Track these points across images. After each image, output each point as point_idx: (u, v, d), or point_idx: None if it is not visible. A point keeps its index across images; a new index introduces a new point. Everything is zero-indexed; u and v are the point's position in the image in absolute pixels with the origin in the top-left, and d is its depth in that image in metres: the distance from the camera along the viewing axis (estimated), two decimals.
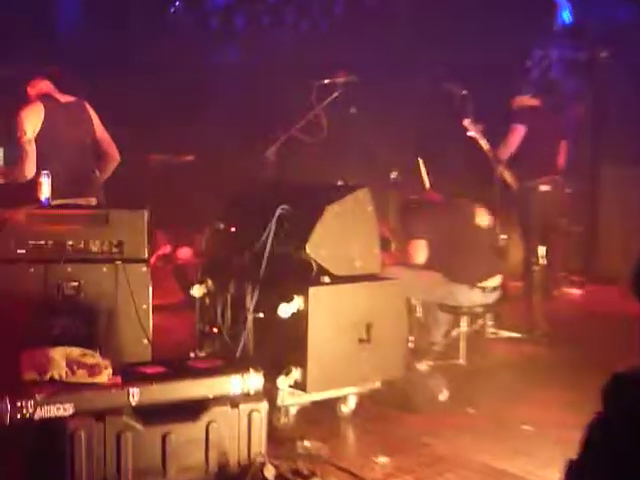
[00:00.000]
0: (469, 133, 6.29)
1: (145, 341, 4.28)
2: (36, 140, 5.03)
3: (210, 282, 4.32)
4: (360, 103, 5.71)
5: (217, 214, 4.43)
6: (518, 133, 6.31)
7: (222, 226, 4.37)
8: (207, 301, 4.36)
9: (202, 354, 4.31)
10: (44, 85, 5.30)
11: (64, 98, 5.29)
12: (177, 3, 10.16)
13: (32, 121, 5.06)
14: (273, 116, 6.33)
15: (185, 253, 7.35)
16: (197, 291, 4.33)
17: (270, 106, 7.50)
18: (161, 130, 8.16)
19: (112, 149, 5.45)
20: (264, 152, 5.15)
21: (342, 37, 8.59)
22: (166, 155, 8.52)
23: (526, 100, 6.55)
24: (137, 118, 7.51)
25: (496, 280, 5.37)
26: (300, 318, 3.90)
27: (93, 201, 4.93)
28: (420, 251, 5.17)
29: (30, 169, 4.96)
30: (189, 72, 8.96)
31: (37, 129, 5.05)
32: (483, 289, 5.25)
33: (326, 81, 5.27)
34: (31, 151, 5.01)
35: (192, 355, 4.28)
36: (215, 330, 4.31)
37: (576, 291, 7.98)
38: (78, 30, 12.18)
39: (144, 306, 4.27)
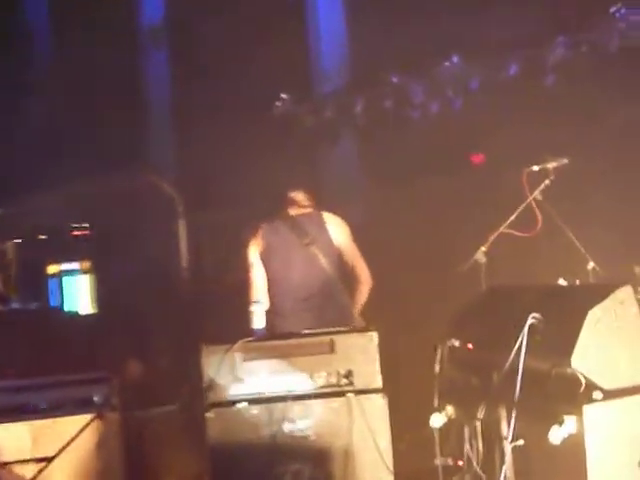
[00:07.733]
0: None
1: None
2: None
3: (450, 409, 3.82)
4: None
5: (449, 330, 3.93)
6: None
7: (457, 343, 3.86)
8: (448, 431, 3.85)
9: None
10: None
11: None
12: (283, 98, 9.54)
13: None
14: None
15: None
16: (436, 420, 3.80)
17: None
18: None
19: (360, 269, 4.83)
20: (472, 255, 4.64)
21: None
22: None
23: None
24: None
25: None
26: (574, 443, 3.35)
27: None
28: None
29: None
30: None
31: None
32: None
33: (535, 167, 4.77)
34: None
35: None
36: (460, 464, 3.78)
37: None
38: None
39: (383, 443, 3.78)
